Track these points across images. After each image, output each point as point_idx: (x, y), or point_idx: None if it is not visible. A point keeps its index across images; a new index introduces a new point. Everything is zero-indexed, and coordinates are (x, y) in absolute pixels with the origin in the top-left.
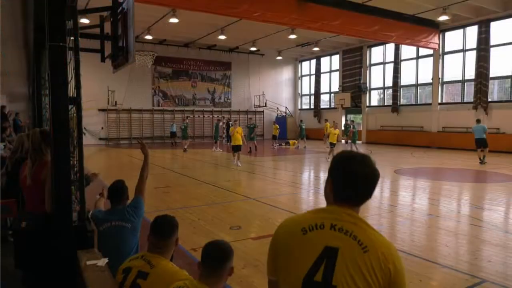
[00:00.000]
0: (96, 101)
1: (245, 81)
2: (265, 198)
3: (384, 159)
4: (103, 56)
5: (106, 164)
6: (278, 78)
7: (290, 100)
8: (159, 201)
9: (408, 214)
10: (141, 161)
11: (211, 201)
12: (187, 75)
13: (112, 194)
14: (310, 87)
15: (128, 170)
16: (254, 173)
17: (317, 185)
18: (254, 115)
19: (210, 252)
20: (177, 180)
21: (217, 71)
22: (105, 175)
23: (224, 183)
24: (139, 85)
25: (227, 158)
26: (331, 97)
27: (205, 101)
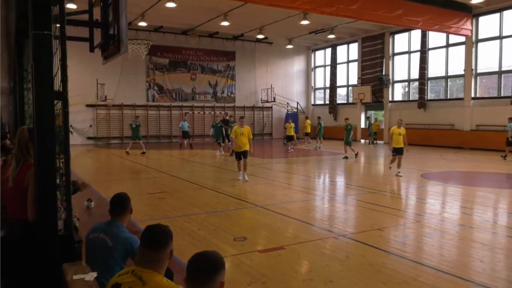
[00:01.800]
0: (84, 95)
1: (251, 73)
2: (273, 205)
3: (410, 162)
4: (92, 46)
5: (94, 167)
6: (289, 70)
7: (302, 94)
8: (154, 209)
9: (437, 225)
10: (133, 162)
11: (213, 208)
12: (186, 67)
13: (112, 206)
14: (325, 80)
15: (119, 173)
16: (261, 177)
17: (333, 191)
18: (261, 112)
19: (197, 264)
20: (173, 185)
21: (219, 61)
22: (94, 179)
23: (227, 188)
24: (132, 78)
25: (232, 160)
26: (349, 91)
27: (206, 95)
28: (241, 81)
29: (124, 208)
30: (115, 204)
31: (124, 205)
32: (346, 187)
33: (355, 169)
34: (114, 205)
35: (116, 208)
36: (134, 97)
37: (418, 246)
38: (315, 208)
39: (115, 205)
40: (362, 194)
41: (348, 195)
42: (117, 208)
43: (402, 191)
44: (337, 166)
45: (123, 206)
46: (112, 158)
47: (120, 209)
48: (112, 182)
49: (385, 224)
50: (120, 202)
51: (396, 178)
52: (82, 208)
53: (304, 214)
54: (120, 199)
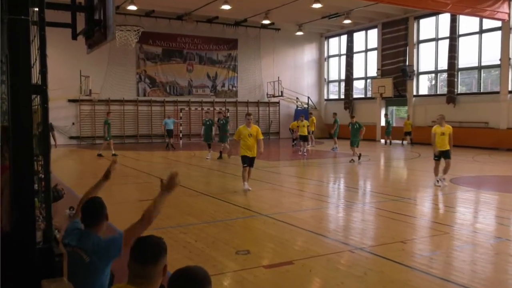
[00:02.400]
0: (65, 89)
1: (255, 64)
2: (281, 214)
3: None
4: (74, 33)
5: (78, 170)
6: (298, 60)
7: (313, 88)
8: None
9: (469, 237)
10: (122, 165)
11: (211, 217)
12: (181, 56)
13: (84, 215)
14: (340, 71)
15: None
16: (266, 182)
17: (349, 197)
18: (266, 108)
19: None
20: None
21: (219, 50)
22: (77, 183)
23: (228, 194)
24: (120, 70)
25: (233, 162)
26: (367, 84)
27: (204, 89)
28: (244, 72)
29: (99, 217)
30: (88, 214)
31: (98, 214)
32: (364, 193)
33: (374, 173)
34: (87, 215)
35: (90, 218)
36: (123, 91)
37: (446, 261)
38: (328, 218)
39: (89, 215)
40: (383, 201)
41: (366, 203)
42: (90, 218)
43: (428, 198)
44: (354, 170)
45: (97, 215)
46: (97, 160)
47: (94, 219)
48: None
49: (408, 236)
50: (94, 211)
51: (423, 184)
52: (63, 217)
53: (316, 224)
54: (94, 207)
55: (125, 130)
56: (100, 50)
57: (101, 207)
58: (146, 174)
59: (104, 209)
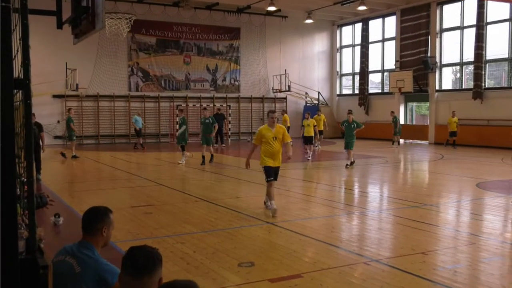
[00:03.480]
0: (50, 84)
1: (260, 55)
2: (288, 222)
3: (462, 167)
4: (60, 21)
5: (64, 173)
6: (308, 51)
7: (324, 82)
8: (138, 226)
9: (498, 248)
10: (112, 168)
11: (212, 225)
12: (178, 47)
13: (83, 221)
14: (354, 64)
15: (94, 182)
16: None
17: (364, 204)
18: (272, 104)
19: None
20: (162, 196)
21: (220, 40)
22: (63, 188)
23: (230, 200)
24: (111, 62)
25: (236, 164)
26: (384, 78)
27: (203, 83)
28: (247, 65)
29: (96, 225)
30: (88, 221)
31: (96, 222)
32: (380, 199)
33: (392, 177)
34: (87, 222)
35: (89, 226)
36: (113, 86)
37: (472, 275)
38: (340, 226)
39: (88, 222)
40: (401, 208)
41: (383, 210)
42: (90, 226)
43: (452, 204)
44: (370, 173)
45: (94, 223)
46: (86, 163)
47: (94, 228)
48: (86, 193)
49: (430, 247)
50: (93, 218)
51: (446, 189)
52: (48, 226)
53: (327, 234)
54: (95, 214)
55: (115, 128)
56: (88, 40)
57: (102, 215)
58: (138, 177)
59: (104, 218)
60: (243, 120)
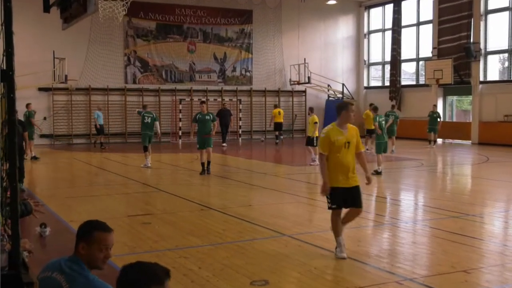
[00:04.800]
0: (35, 75)
1: (275, 42)
2: (307, 234)
3: (510, 172)
4: (47, 4)
5: (51, 177)
6: (330, 37)
7: (350, 72)
8: (136, 238)
9: None
10: (105, 171)
11: (220, 238)
12: (181, 33)
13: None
14: (384, 51)
15: (86, 187)
16: (289, 193)
17: (396, 213)
18: (289, 98)
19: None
20: (163, 204)
21: (229, 25)
22: (50, 195)
23: (240, 209)
24: (104, 50)
25: (248, 167)
26: (419, 68)
27: (210, 74)
28: (260, 53)
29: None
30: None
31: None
32: (415, 208)
33: (429, 183)
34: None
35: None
36: (107, 78)
37: None
38: (368, 239)
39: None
40: (439, 219)
41: (418, 221)
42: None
43: (498, 215)
44: (402, 178)
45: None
46: (75, 165)
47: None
48: (76, 200)
49: (473, 264)
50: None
51: (492, 197)
52: (33, 237)
53: (353, 248)
54: (86, 223)
55: (109, 126)
56: (78, 25)
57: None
58: (136, 182)
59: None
60: (256, 116)
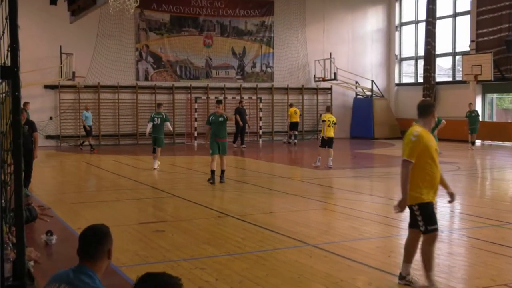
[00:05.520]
0: (41, 72)
1: (298, 36)
2: (334, 244)
3: None
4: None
5: (57, 182)
6: (359, 30)
7: (380, 68)
8: (148, 247)
9: None
10: (115, 175)
11: (238, 247)
12: (197, 26)
13: (81, 244)
14: (417, 45)
15: (94, 192)
16: (313, 199)
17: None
18: (314, 96)
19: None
20: (177, 210)
21: (248, 17)
22: (56, 200)
23: (260, 216)
24: (114, 45)
25: (268, 171)
26: (455, 63)
27: (228, 70)
28: (282, 47)
29: (100, 248)
30: (86, 242)
31: (100, 244)
32: (451, 216)
33: (466, 188)
34: (86, 243)
35: (88, 247)
36: (117, 74)
37: None
38: (400, 250)
39: (87, 243)
40: (478, 227)
41: (455, 229)
42: (89, 247)
43: None
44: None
45: (98, 245)
46: (83, 169)
47: (94, 249)
48: (84, 206)
49: None
50: (94, 238)
51: None
52: (39, 245)
53: (383, 259)
54: (95, 234)
55: (120, 127)
56: (87, 18)
57: (105, 237)
58: (148, 187)
59: (109, 239)
60: (278, 116)
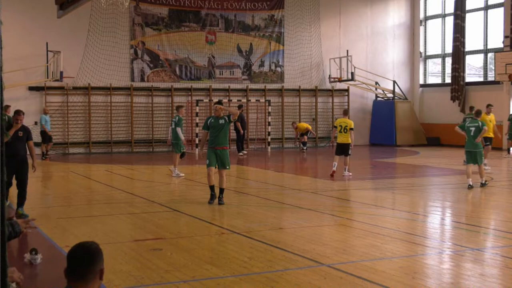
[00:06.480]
0: (25, 72)
1: (311, 31)
2: (351, 264)
3: None
4: None
5: (43, 194)
6: (378, 25)
7: (402, 67)
8: (144, 267)
9: None
10: (107, 187)
11: (244, 268)
12: (198, 20)
13: (70, 264)
14: (444, 42)
15: (84, 206)
16: (328, 214)
17: (459, 239)
18: (329, 99)
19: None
20: (176, 226)
21: (256, 11)
22: (42, 214)
23: (269, 232)
24: (107, 41)
25: (278, 183)
26: (487, 61)
27: (233, 70)
28: (294, 44)
29: (91, 268)
30: (75, 261)
31: (90, 263)
32: (482, 233)
33: (501, 202)
34: (74, 263)
35: (77, 267)
36: (110, 75)
37: None
38: (426, 270)
39: (76, 262)
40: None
41: (487, 248)
42: (78, 267)
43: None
44: (466, 195)
45: (89, 265)
46: (72, 179)
47: (83, 269)
48: (72, 221)
49: None
50: (84, 258)
51: None
52: (22, 265)
53: (407, 281)
54: (85, 252)
55: (112, 133)
56: (76, 13)
57: (96, 255)
58: (144, 200)
59: (100, 259)
60: (288, 120)
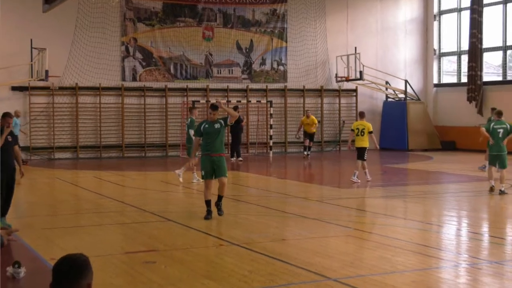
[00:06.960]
0: (8, 70)
1: (316, 27)
2: (360, 278)
3: None
4: None
5: (27, 202)
6: (389, 20)
7: (415, 65)
8: (136, 281)
9: None
10: (97, 195)
11: (244, 282)
12: (195, 15)
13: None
14: (460, 38)
15: (71, 215)
16: (335, 224)
17: (476, 252)
18: (336, 99)
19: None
20: (171, 237)
21: (257, 4)
22: (26, 224)
23: (270, 244)
24: (96, 38)
25: (280, 190)
26: (506, 59)
27: (232, 68)
28: (298, 41)
29: (79, 282)
30: (61, 275)
31: (78, 277)
32: (500, 245)
33: None
34: (60, 277)
35: (64, 281)
36: (99, 74)
37: None
38: (441, 285)
39: (62, 276)
40: None
41: (507, 261)
42: (65, 281)
43: None
44: (485, 205)
45: (76, 279)
46: (58, 187)
47: (70, 283)
48: (59, 232)
49: None
50: (71, 271)
51: None
52: (4, 279)
53: None
54: (72, 266)
55: (102, 136)
56: (63, 7)
57: (84, 269)
58: (136, 209)
59: (88, 273)
60: (291, 123)
